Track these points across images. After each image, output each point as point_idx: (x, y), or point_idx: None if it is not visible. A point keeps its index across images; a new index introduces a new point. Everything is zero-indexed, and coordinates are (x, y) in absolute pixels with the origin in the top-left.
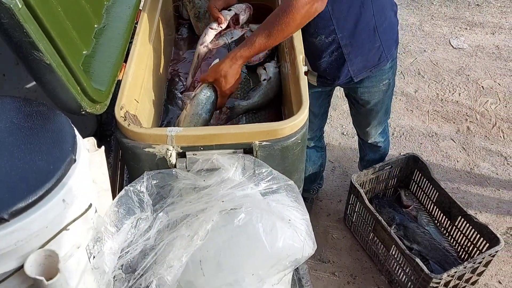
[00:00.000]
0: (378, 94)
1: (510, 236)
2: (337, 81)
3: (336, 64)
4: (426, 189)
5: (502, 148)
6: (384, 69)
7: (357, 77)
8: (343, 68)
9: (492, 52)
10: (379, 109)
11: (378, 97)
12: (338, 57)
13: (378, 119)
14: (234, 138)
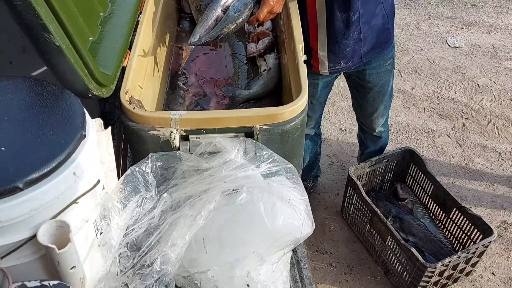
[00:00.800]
0: (385, 74)
1: (504, 229)
2: (350, 63)
3: (352, 45)
4: (421, 182)
5: (496, 144)
6: (389, 48)
7: (366, 57)
8: (357, 48)
9: (488, 51)
10: (385, 91)
11: (386, 77)
12: (355, 36)
13: (385, 102)
14: (236, 122)
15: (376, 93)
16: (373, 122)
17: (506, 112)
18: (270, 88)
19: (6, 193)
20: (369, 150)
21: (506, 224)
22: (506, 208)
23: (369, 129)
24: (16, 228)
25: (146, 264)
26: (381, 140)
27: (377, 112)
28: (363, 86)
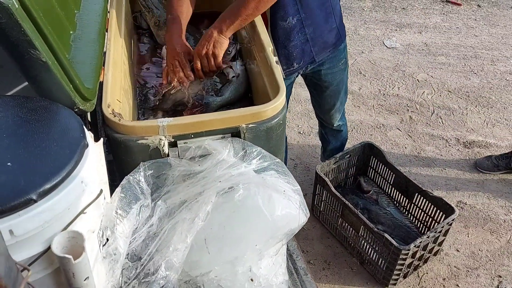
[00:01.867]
0: (339, 73)
1: (461, 208)
2: (302, 64)
3: (301, 46)
4: (383, 173)
5: (442, 132)
6: (340, 49)
7: (318, 57)
8: (306, 49)
9: (422, 49)
10: (340, 88)
11: (339, 76)
12: (302, 38)
13: (341, 99)
14: (222, 123)
15: (332, 91)
16: (331, 117)
17: (446, 102)
18: (241, 93)
19: (21, 206)
20: (331, 146)
21: (462, 204)
22: (459, 189)
23: (329, 124)
24: (30, 242)
25: (151, 272)
26: (341, 135)
27: (334, 108)
28: (319, 85)
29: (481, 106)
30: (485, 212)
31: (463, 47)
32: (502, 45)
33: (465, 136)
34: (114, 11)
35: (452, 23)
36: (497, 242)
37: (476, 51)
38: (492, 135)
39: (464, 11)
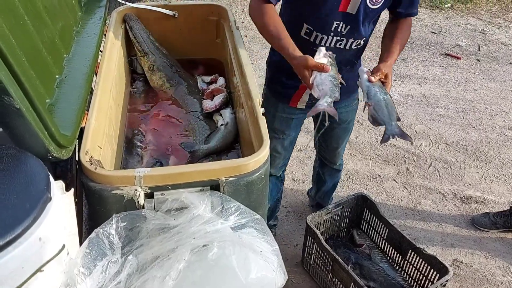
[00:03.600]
0: (351, 113)
1: (457, 267)
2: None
3: None
4: (376, 226)
5: (439, 186)
6: (356, 90)
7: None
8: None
9: (421, 100)
10: (350, 127)
11: (351, 116)
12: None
13: (347, 137)
14: (201, 176)
15: (342, 130)
16: (336, 156)
17: (443, 155)
18: (229, 141)
19: None
20: (325, 187)
21: (458, 262)
22: (456, 246)
23: (331, 163)
24: None
25: None
26: (338, 175)
27: (341, 147)
28: (331, 123)
29: (479, 160)
30: (482, 272)
31: (461, 100)
32: (501, 100)
33: (463, 191)
34: (106, 55)
35: (452, 76)
36: None
37: (475, 105)
38: (490, 191)
39: (463, 64)
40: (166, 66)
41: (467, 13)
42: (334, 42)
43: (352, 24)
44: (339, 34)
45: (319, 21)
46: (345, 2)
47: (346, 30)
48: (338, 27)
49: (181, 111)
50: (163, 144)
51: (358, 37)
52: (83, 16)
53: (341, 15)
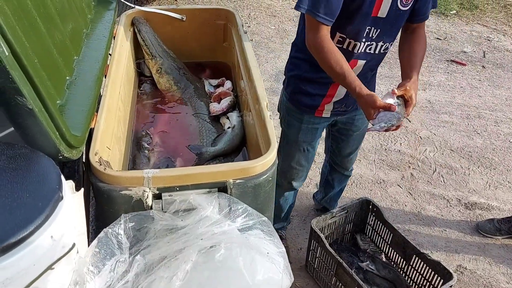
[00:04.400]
0: (365, 119)
1: (461, 273)
2: (350, 107)
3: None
4: (380, 231)
5: (444, 192)
6: None
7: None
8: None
9: (426, 106)
10: (364, 133)
11: (366, 121)
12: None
13: (361, 143)
14: (209, 177)
15: (357, 136)
16: (349, 161)
17: (448, 161)
18: (235, 144)
19: None
20: (333, 192)
21: (462, 268)
22: (460, 252)
23: (343, 169)
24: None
25: None
26: (346, 180)
27: (355, 152)
28: (347, 130)
29: (484, 167)
30: (486, 279)
31: (466, 107)
32: (506, 107)
33: (467, 197)
34: (115, 58)
35: (457, 82)
36: None
37: (480, 111)
38: (494, 197)
39: (468, 71)
40: (173, 69)
41: (472, 20)
42: (365, 47)
43: (382, 27)
44: (370, 39)
45: (353, 28)
46: (378, 6)
47: (376, 34)
48: (370, 32)
49: (188, 114)
50: (170, 146)
51: (387, 40)
52: (93, 19)
53: (373, 19)
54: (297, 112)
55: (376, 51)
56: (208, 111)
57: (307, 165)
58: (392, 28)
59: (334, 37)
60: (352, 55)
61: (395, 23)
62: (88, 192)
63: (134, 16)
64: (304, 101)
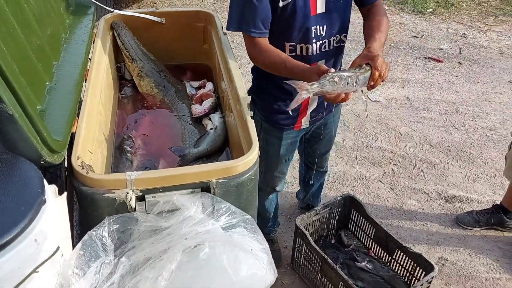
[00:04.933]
0: (337, 120)
1: (442, 265)
2: (326, 112)
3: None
4: (363, 226)
5: (424, 186)
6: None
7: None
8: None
9: (405, 103)
10: (335, 132)
11: (337, 122)
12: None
13: (333, 141)
14: (192, 178)
15: (330, 137)
16: (324, 160)
17: (428, 156)
18: (218, 145)
19: None
20: (313, 189)
21: (444, 260)
22: (441, 244)
23: (320, 167)
24: None
25: None
26: (324, 176)
27: (329, 151)
28: (320, 133)
29: (462, 161)
30: (467, 270)
31: (444, 103)
32: (482, 102)
33: (447, 190)
34: (95, 62)
35: (434, 79)
36: None
37: (457, 106)
38: (473, 190)
39: (445, 67)
40: (154, 72)
41: (448, 17)
42: (319, 48)
43: (328, 22)
44: (320, 37)
45: (298, 33)
46: (314, 4)
47: (324, 31)
48: (317, 31)
49: (170, 116)
50: (153, 148)
51: (338, 32)
52: (71, 24)
53: (314, 18)
54: (275, 131)
55: (331, 47)
56: (190, 113)
57: (286, 171)
58: (338, 19)
59: (284, 48)
60: (309, 59)
61: (339, 13)
62: (71, 197)
63: (113, 20)
64: (281, 121)
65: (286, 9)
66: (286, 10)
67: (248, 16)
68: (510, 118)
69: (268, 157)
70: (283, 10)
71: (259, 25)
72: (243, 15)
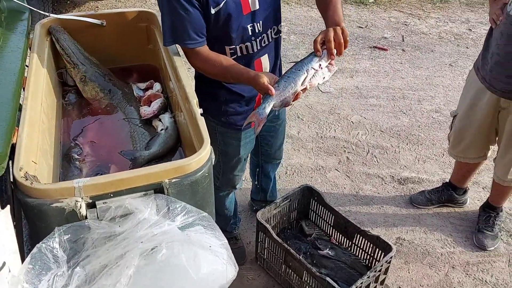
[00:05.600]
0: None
1: (400, 244)
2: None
3: None
4: (323, 215)
5: (378, 171)
6: None
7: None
8: None
9: (354, 92)
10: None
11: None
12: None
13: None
14: (143, 180)
15: (283, 126)
16: (281, 152)
17: (379, 142)
18: (170, 145)
19: None
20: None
21: (401, 240)
22: (397, 225)
23: (275, 160)
24: None
25: None
26: (278, 166)
27: (284, 140)
28: (273, 125)
29: (412, 143)
30: (423, 247)
31: (391, 89)
32: (427, 86)
33: (399, 173)
34: (33, 69)
35: (380, 67)
36: (436, 275)
37: (404, 92)
38: (424, 170)
39: (390, 55)
40: (98, 76)
41: (389, 6)
42: (259, 44)
43: (263, 18)
44: (258, 34)
45: (236, 35)
46: (246, 3)
47: (261, 27)
48: (255, 29)
49: (118, 120)
50: (102, 154)
51: (274, 24)
52: (4, 31)
53: (248, 17)
54: (233, 133)
55: (270, 40)
56: (139, 116)
57: (244, 170)
58: (271, 12)
59: (225, 51)
60: (252, 57)
61: (271, 5)
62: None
63: (50, 25)
64: (238, 122)
65: (219, 16)
66: (219, 16)
67: (180, 29)
68: (452, 99)
69: (228, 158)
70: (216, 17)
71: (193, 35)
72: (175, 28)
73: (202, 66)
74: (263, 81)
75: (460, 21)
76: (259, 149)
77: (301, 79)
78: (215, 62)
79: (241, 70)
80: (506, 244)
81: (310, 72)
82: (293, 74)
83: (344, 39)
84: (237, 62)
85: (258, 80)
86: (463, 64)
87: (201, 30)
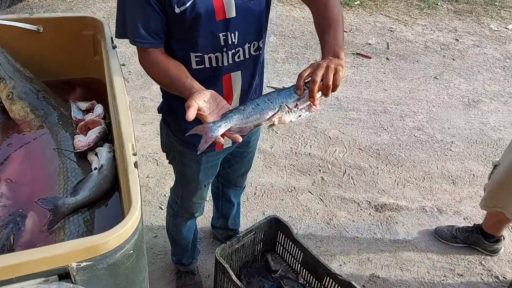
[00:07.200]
0: (259, 136)
1: (374, 283)
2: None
3: None
4: (291, 250)
5: (354, 195)
6: None
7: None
8: None
9: (334, 104)
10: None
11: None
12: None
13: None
14: (41, 265)
15: (251, 155)
16: (244, 179)
17: (357, 161)
18: (104, 189)
19: None
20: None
21: (375, 277)
22: (372, 259)
23: (238, 187)
24: None
25: None
26: (242, 192)
27: (249, 169)
28: (242, 152)
29: (392, 164)
30: (398, 286)
31: (373, 102)
32: (410, 100)
33: (377, 198)
34: None
35: (363, 77)
36: None
37: (386, 106)
38: (402, 196)
39: (374, 64)
40: (29, 92)
41: (375, 10)
42: (231, 57)
43: (239, 28)
44: (231, 46)
45: (204, 42)
46: (220, 8)
47: (236, 39)
48: (228, 39)
49: (47, 150)
50: (22, 196)
51: (254, 39)
52: None
53: (221, 24)
54: (192, 155)
55: (247, 56)
56: (73, 146)
57: (203, 200)
58: (253, 24)
59: (190, 59)
60: (221, 71)
61: (253, 17)
62: None
63: None
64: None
65: (184, 16)
66: (185, 17)
67: (131, 24)
68: (436, 116)
69: (185, 181)
70: (182, 18)
71: (144, 33)
72: (126, 22)
73: (149, 70)
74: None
75: (448, 30)
76: (220, 170)
77: (269, 114)
78: (161, 68)
79: (185, 84)
80: None
81: (283, 109)
82: (264, 105)
83: (334, 83)
84: (204, 74)
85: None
86: (448, 77)
87: (155, 31)
